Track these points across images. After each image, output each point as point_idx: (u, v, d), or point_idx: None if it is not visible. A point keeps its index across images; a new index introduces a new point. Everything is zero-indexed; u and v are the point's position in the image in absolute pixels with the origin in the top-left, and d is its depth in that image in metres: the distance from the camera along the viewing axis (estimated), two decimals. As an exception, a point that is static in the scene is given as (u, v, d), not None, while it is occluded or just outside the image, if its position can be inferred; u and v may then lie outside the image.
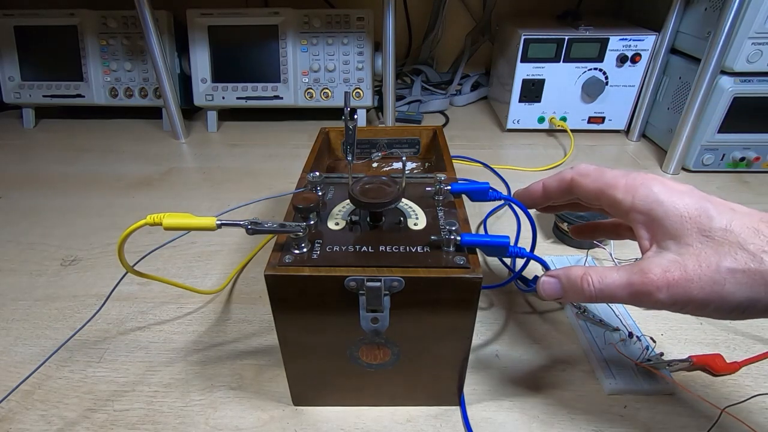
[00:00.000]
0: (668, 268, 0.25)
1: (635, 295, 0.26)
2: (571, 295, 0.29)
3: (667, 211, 0.26)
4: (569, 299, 0.30)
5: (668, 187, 0.27)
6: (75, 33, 0.90)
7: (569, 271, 0.29)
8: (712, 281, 0.23)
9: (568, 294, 0.29)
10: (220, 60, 0.90)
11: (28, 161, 0.83)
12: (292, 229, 0.31)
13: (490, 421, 0.37)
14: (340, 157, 0.52)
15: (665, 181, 0.27)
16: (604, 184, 0.29)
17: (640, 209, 0.27)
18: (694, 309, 0.25)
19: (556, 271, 0.30)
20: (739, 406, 0.37)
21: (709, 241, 0.24)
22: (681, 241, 0.25)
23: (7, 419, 0.37)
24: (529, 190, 0.36)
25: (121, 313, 0.48)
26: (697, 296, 0.24)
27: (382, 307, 0.30)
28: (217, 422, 0.37)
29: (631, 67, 0.82)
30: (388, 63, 0.82)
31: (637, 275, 0.26)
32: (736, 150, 0.72)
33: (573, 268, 0.29)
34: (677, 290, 0.24)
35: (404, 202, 0.37)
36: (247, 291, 0.51)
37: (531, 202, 0.37)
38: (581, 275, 0.28)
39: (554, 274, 0.30)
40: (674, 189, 0.27)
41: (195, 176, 0.77)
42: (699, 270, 0.24)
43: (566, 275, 0.29)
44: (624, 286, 0.26)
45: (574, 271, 0.29)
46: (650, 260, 0.26)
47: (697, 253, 0.24)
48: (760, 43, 0.64)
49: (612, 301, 0.27)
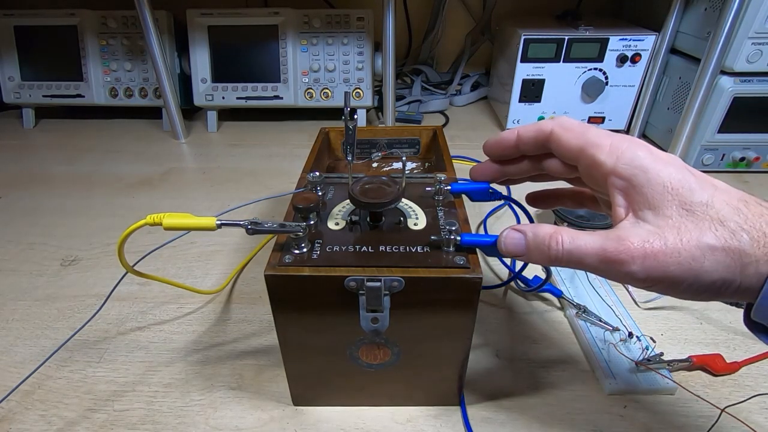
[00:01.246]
0: (647, 238, 0.23)
1: (606, 262, 0.24)
2: (535, 254, 0.27)
3: (650, 179, 0.24)
4: (532, 259, 0.27)
5: (653, 153, 0.25)
6: (75, 33, 0.90)
7: (538, 228, 0.27)
8: (691, 257, 0.22)
9: (532, 252, 0.27)
10: (220, 60, 0.90)
11: (28, 161, 0.83)
12: (292, 229, 0.31)
13: (490, 421, 0.37)
14: (340, 157, 0.52)
15: (650, 147, 0.26)
16: (586, 142, 0.27)
17: (621, 173, 0.25)
18: (666, 287, 0.23)
19: (522, 226, 0.28)
20: (739, 406, 0.37)
21: (689, 215, 0.23)
22: (660, 213, 0.24)
23: (7, 419, 0.37)
24: (500, 139, 0.33)
25: (121, 313, 0.48)
26: (673, 272, 0.22)
27: (382, 307, 0.30)
28: (217, 422, 0.37)
29: (631, 67, 0.82)
30: (388, 63, 0.82)
31: (612, 241, 0.24)
32: (736, 150, 0.72)
33: (542, 225, 0.27)
34: (653, 263, 0.23)
35: (404, 202, 0.37)
36: (247, 291, 0.51)
37: (500, 152, 0.33)
38: (551, 233, 0.26)
39: (520, 228, 0.28)
40: (659, 157, 0.25)
41: (195, 176, 0.77)
42: (679, 244, 0.22)
43: (534, 231, 0.27)
44: (596, 252, 0.24)
45: (544, 228, 0.26)
46: (627, 229, 0.24)
47: (677, 226, 0.23)
48: (760, 43, 0.64)
49: (578, 266, 0.25)
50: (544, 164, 0.32)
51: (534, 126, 0.31)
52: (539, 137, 0.30)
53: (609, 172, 0.26)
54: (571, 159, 0.29)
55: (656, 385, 0.38)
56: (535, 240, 0.27)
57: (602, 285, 0.49)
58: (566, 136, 0.28)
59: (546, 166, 0.32)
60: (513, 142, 0.32)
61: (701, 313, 0.47)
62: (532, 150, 0.31)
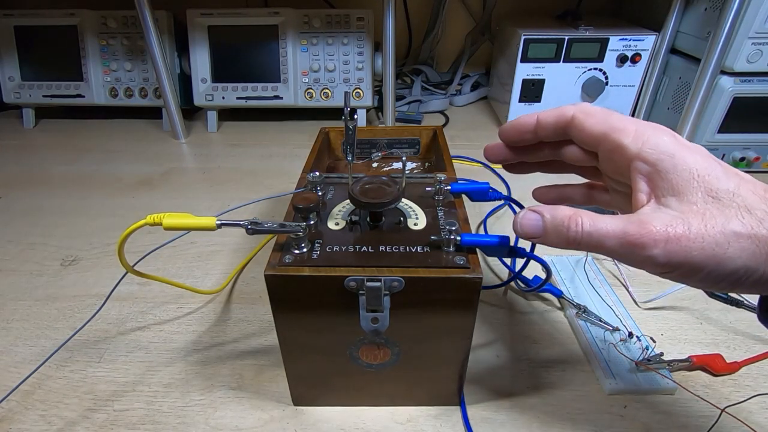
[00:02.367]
0: (670, 222, 0.22)
1: (627, 245, 0.23)
2: (552, 236, 0.26)
3: (677, 164, 0.24)
4: (550, 241, 0.26)
5: (679, 140, 0.25)
6: (75, 33, 0.90)
7: (556, 209, 0.26)
8: (714, 243, 0.22)
9: (550, 234, 0.26)
10: (220, 60, 0.90)
11: (28, 161, 0.83)
12: (292, 229, 0.31)
13: (490, 421, 0.37)
14: (340, 157, 0.52)
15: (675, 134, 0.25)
16: (610, 127, 0.27)
17: (646, 158, 0.25)
18: (685, 273, 0.23)
19: (540, 207, 0.27)
20: (739, 406, 0.37)
21: (714, 201, 0.22)
22: (684, 199, 0.23)
23: (7, 419, 0.37)
24: (518, 122, 0.32)
25: (121, 313, 0.48)
26: (695, 258, 0.22)
27: (382, 307, 0.30)
28: (217, 422, 0.37)
29: (631, 67, 0.82)
30: (388, 63, 0.82)
31: (634, 224, 0.23)
32: (736, 150, 0.72)
33: (561, 207, 0.26)
34: (675, 247, 0.22)
35: (404, 202, 0.37)
36: (247, 291, 0.51)
37: (517, 137, 0.32)
38: (570, 214, 0.25)
39: (538, 209, 0.27)
40: (684, 144, 0.25)
41: (195, 176, 0.77)
42: (704, 229, 0.22)
43: (552, 213, 0.26)
44: (617, 234, 0.23)
45: (562, 210, 0.26)
46: (649, 214, 0.24)
47: (702, 211, 0.22)
48: (760, 43, 0.64)
49: (597, 249, 0.25)
50: (562, 151, 0.31)
51: (555, 111, 0.30)
52: (560, 122, 0.29)
53: (633, 156, 0.25)
54: (593, 145, 0.28)
55: (656, 385, 0.38)
56: (554, 221, 0.26)
57: (602, 285, 0.49)
58: (589, 121, 0.28)
59: (564, 153, 0.31)
60: (532, 126, 0.31)
61: (701, 313, 0.47)
62: (551, 136, 0.31)
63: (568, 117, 0.29)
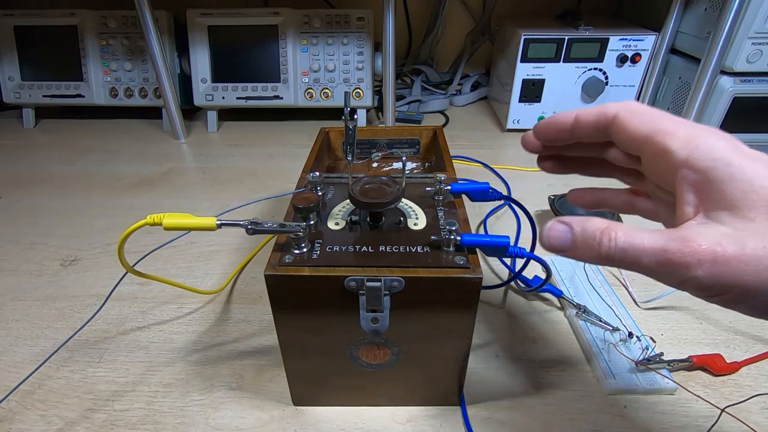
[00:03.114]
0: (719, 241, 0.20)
1: (666, 264, 0.21)
2: (581, 249, 0.23)
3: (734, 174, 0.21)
4: (579, 255, 0.24)
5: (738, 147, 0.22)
6: (75, 33, 0.90)
7: (587, 221, 0.23)
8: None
9: (579, 248, 0.24)
10: (220, 60, 0.90)
11: (28, 161, 0.83)
12: (292, 229, 0.31)
13: (490, 421, 0.37)
14: (340, 157, 0.52)
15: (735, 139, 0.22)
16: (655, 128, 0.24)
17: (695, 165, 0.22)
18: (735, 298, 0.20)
19: (569, 218, 0.24)
20: (739, 406, 0.37)
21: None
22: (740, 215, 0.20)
23: (7, 419, 0.37)
24: (554, 120, 0.29)
25: (121, 313, 0.48)
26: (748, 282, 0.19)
27: (382, 307, 0.30)
28: (217, 422, 0.37)
29: (631, 67, 0.82)
30: (388, 63, 0.82)
31: (676, 241, 0.20)
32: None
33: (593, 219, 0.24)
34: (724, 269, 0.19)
35: (404, 202, 0.37)
36: (247, 291, 0.51)
37: (552, 136, 0.30)
38: (602, 228, 0.23)
39: (566, 220, 0.24)
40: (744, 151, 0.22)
41: (195, 176, 0.77)
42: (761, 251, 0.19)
43: (582, 225, 0.23)
44: (655, 251, 0.21)
45: (594, 222, 0.23)
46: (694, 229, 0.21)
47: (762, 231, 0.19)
48: (760, 43, 0.64)
49: (632, 267, 0.22)
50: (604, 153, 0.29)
51: (596, 109, 0.27)
52: (601, 121, 0.27)
53: (681, 164, 0.22)
54: (636, 148, 0.25)
55: (656, 385, 0.38)
56: (584, 234, 0.23)
57: (602, 285, 0.49)
58: (633, 121, 0.25)
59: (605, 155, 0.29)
60: (569, 125, 0.28)
61: (701, 313, 0.47)
62: (590, 136, 0.28)
63: (611, 116, 0.26)
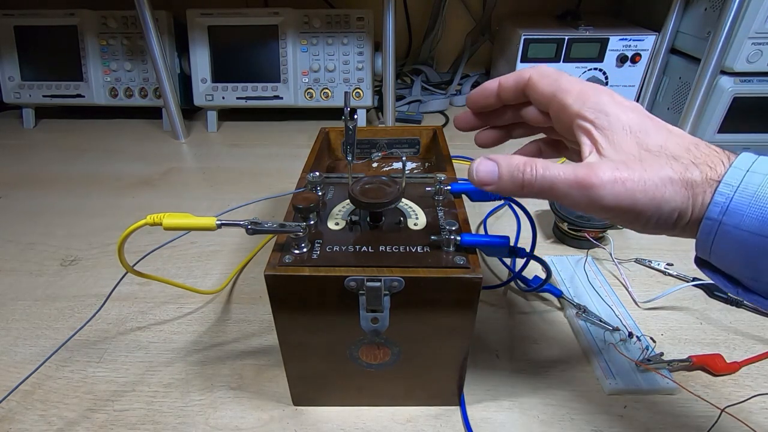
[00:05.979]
0: (616, 167, 0.25)
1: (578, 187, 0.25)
2: (507, 182, 0.27)
3: (611, 122, 0.26)
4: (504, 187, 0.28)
5: (616, 99, 0.27)
6: (75, 33, 0.90)
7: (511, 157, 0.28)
8: (654, 185, 0.24)
9: (504, 180, 0.27)
10: (220, 60, 0.90)
11: (28, 161, 0.83)
12: (292, 229, 0.31)
13: (490, 421, 0.37)
14: (340, 157, 0.52)
15: (614, 94, 0.28)
16: (558, 88, 0.29)
17: (586, 116, 0.27)
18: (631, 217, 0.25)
19: (495, 156, 0.28)
20: (739, 406, 0.37)
21: (647, 153, 0.25)
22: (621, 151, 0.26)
23: (7, 419, 0.37)
24: (482, 87, 0.34)
25: (121, 313, 0.48)
26: (640, 201, 0.24)
27: (382, 307, 0.30)
28: (217, 422, 0.37)
29: (631, 67, 0.82)
30: (388, 63, 0.82)
31: (583, 168, 0.25)
32: (736, 150, 0.72)
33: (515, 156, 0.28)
34: (621, 189, 0.24)
35: (404, 202, 0.37)
36: (247, 291, 0.51)
37: (483, 102, 0.34)
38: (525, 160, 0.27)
39: (493, 157, 0.28)
40: (621, 103, 0.27)
41: (195, 176, 0.77)
42: (644, 173, 0.24)
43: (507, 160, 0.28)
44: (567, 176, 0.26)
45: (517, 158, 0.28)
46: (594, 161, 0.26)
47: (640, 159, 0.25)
48: (760, 43, 0.64)
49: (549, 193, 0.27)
50: (523, 113, 0.33)
51: (514, 74, 0.32)
52: (519, 84, 0.32)
53: (575, 114, 0.28)
54: (545, 104, 0.30)
55: (656, 385, 0.38)
56: (509, 168, 0.27)
57: (602, 285, 0.49)
58: (542, 83, 0.30)
59: (524, 115, 0.33)
60: (495, 90, 0.33)
61: (701, 313, 0.47)
62: (512, 98, 0.33)
63: (526, 78, 0.31)
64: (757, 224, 0.22)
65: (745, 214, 0.22)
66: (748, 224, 0.22)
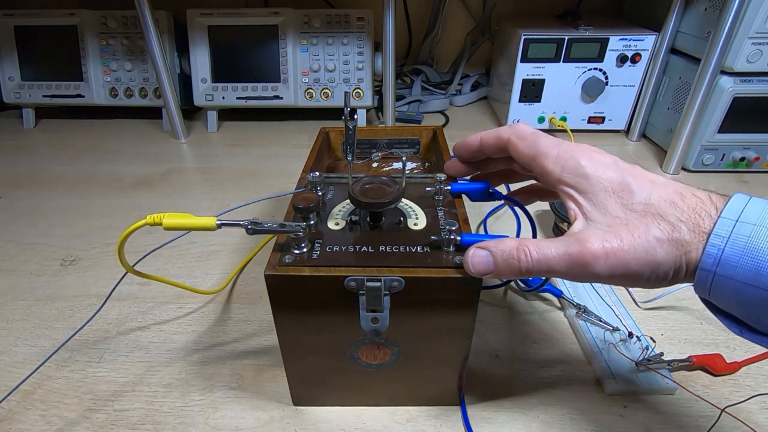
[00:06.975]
0: (605, 238, 0.25)
1: (573, 265, 0.25)
2: (504, 269, 0.27)
3: (593, 184, 0.26)
4: (503, 274, 0.28)
5: (594, 160, 0.27)
6: (75, 33, 0.90)
7: (501, 243, 0.27)
8: (644, 251, 0.24)
9: (501, 269, 0.27)
10: (220, 60, 0.90)
11: (28, 161, 0.83)
12: (292, 229, 0.31)
13: (490, 421, 0.37)
14: (340, 157, 0.52)
15: (592, 153, 0.28)
16: (536, 152, 0.29)
17: (567, 182, 0.27)
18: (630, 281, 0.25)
19: (486, 243, 0.28)
20: (739, 406, 0.37)
21: (632, 213, 0.25)
22: (607, 214, 0.26)
23: (7, 419, 0.37)
24: (466, 142, 0.35)
25: (121, 313, 0.48)
26: (633, 267, 0.24)
27: (382, 307, 0.30)
28: (217, 422, 0.37)
29: (631, 67, 0.82)
30: (388, 63, 0.82)
31: (574, 245, 0.25)
32: (736, 150, 0.72)
33: (505, 240, 0.28)
34: (615, 261, 0.24)
35: (404, 202, 0.37)
36: (247, 291, 0.51)
37: (468, 155, 0.36)
38: (516, 246, 0.27)
39: (484, 245, 0.28)
40: (599, 162, 0.27)
41: (195, 176, 0.77)
42: (632, 240, 0.24)
43: (499, 248, 0.27)
44: (562, 257, 0.25)
45: (508, 243, 0.27)
46: (584, 232, 0.26)
47: (626, 223, 0.25)
48: (760, 43, 0.64)
49: (547, 273, 0.27)
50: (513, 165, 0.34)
51: (494, 132, 0.33)
52: (499, 144, 0.32)
53: (556, 180, 0.28)
54: (527, 166, 0.31)
55: (656, 385, 0.38)
56: (503, 255, 0.27)
57: (602, 285, 0.49)
58: (521, 145, 0.30)
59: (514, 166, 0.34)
60: (477, 146, 0.34)
61: (701, 313, 0.47)
62: (495, 154, 0.34)
63: (504, 139, 0.32)
64: (752, 276, 0.22)
65: (738, 266, 0.22)
66: (742, 275, 0.22)
